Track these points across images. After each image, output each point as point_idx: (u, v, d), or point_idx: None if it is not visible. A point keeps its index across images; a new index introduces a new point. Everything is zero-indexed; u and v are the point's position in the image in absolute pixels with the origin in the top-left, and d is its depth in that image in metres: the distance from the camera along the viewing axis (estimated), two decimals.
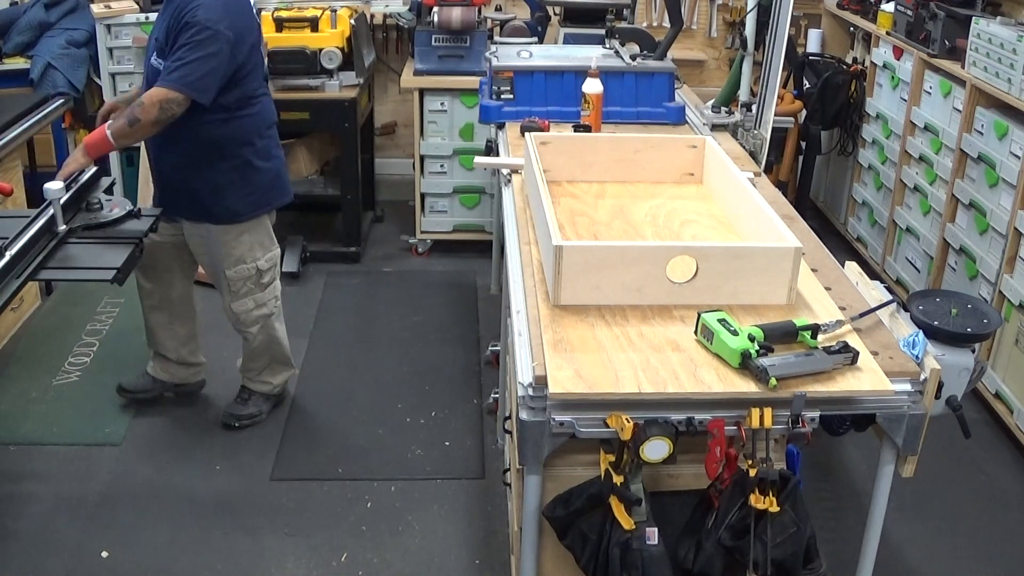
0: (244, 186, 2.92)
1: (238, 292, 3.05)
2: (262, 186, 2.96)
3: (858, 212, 4.65)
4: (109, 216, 2.62)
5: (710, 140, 2.55)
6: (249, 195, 2.94)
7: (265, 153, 2.96)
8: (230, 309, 3.09)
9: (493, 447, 3.17)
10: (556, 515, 1.76)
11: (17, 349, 3.70)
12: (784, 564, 1.68)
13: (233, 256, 2.99)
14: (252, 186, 2.94)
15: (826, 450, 3.17)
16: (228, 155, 2.87)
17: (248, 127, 2.89)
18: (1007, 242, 3.25)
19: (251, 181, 2.93)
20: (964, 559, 2.76)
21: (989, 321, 1.95)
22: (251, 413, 3.26)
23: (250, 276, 3.03)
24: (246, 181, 2.92)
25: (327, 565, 2.66)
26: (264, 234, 3.05)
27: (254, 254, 3.02)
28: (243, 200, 2.93)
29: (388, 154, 5.30)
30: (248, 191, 2.93)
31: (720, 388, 1.64)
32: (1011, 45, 3.21)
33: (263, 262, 3.04)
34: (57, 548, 2.69)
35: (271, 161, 2.99)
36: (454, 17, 4.25)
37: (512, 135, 2.97)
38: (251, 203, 2.95)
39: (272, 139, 3.01)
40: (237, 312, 3.08)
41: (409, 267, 4.56)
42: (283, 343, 3.24)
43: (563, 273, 1.85)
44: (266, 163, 2.96)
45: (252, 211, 2.97)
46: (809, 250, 2.15)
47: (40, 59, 4.27)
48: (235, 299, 3.06)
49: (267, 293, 3.11)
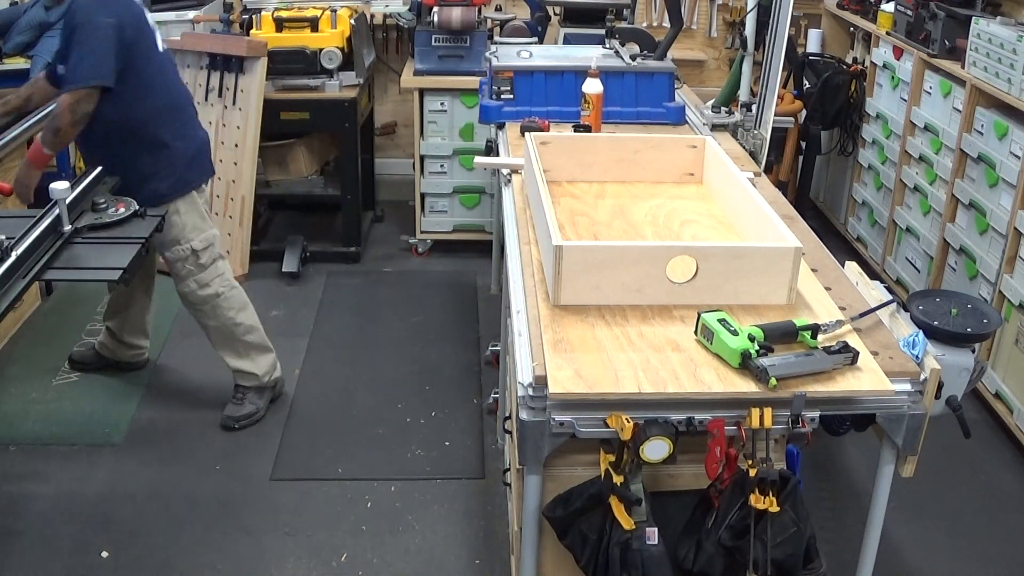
0: (163, 167, 2.98)
1: (179, 274, 3.11)
2: (180, 166, 3.02)
3: (858, 212, 4.65)
4: (114, 216, 2.62)
5: (710, 140, 2.55)
6: (169, 175, 2.99)
7: (179, 134, 3.02)
8: (178, 293, 3.18)
9: (493, 447, 3.17)
10: (556, 515, 1.76)
11: (17, 349, 3.70)
12: (784, 564, 1.68)
13: (168, 238, 3.03)
14: (171, 167, 2.99)
15: (826, 450, 3.17)
16: (141, 139, 2.94)
17: (155, 110, 2.95)
18: (1007, 242, 3.25)
19: (169, 162, 2.99)
20: (964, 559, 2.76)
21: (989, 321, 1.95)
22: (248, 412, 3.27)
23: (186, 257, 3.08)
24: (164, 162, 2.98)
25: (327, 565, 2.66)
26: (195, 214, 3.09)
27: (187, 235, 3.06)
28: (164, 181, 2.99)
29: (388, 154, 5.30)
30: (167, 172, 2.99)
31: (720, 388, 1.64)
32: (1011, 45, 3.21)
33: (197, 243, 3.08)
34: (57, 548, 2.69)
35: (186, 141, 3.04)
36: (454, 17, 4.25)
37: (512, 135, 2.97)
38: (172, 183, 3.01)
39: (185, 120, 3.07)
40: (183, 294, 3.16)
41: (409, 267, 4.56)
42: (244, 326, 3.23)
43: (563, 273, 1.85)
44: (181, 143, 3.02)
45: (175, 191, 3.02)
46: (809, 250, 2.15)
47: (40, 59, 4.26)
48: (179, 282, 3.14)
49: (208, 274, 3.13)
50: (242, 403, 3.28)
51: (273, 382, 3.35)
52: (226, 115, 4.21)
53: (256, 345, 3.28)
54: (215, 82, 4.20)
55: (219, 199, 4.26)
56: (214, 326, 3.19)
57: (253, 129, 4.16)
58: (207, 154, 3.17)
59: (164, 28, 4.36)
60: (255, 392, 3.30)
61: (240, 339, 3.23)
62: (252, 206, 4.25)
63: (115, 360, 3.53)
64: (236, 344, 3.24)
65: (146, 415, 3.31)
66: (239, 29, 4.44)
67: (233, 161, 4.20)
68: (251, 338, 3.26)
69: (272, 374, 3.34)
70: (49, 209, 2.51)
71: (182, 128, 3.05)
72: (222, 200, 4.25)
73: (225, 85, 4.18)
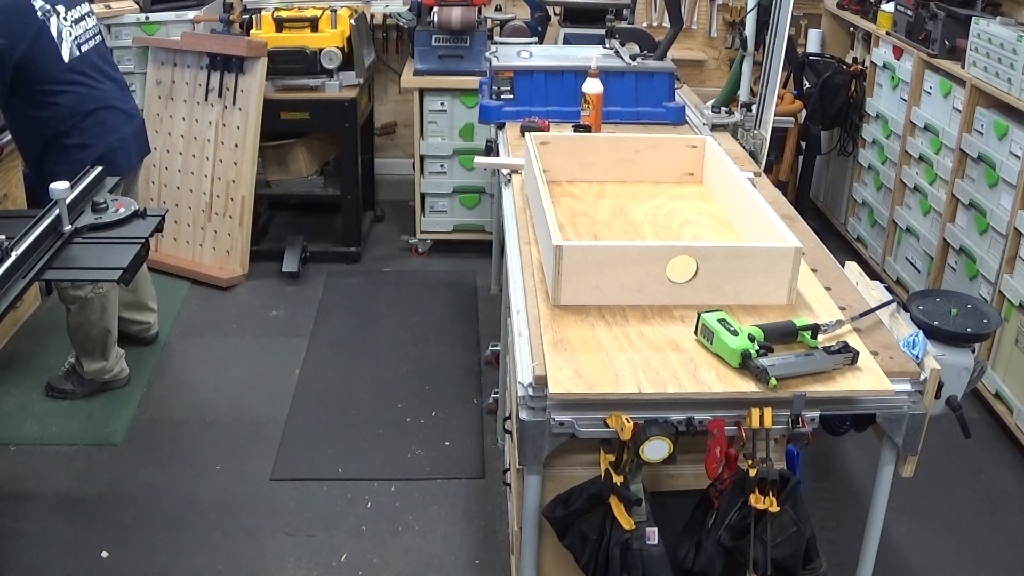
0: (64, 168, 2.93)
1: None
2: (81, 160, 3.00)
3: (858, 212, 4.65)
4: (115, 216, 2.62)
5: (710, 140, 2.55)
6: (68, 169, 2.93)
7: (85, 138, 3.11)
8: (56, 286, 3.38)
9: (493, 447, 3.17)
10: (556, 515, 1.76)
11: (17, 349, 3.70)
12: (784, 564, 1.68)
13: None
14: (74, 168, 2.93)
15: (826, 450, 3.17)
16: (45, 144, 3.08)
17: (57, 117, 3.05)
18: (1007, 242, 3.25)
19: (72, 163, 2.97)
20: (964, 559, 2.76)
21: (989, 321, 1.95)
22: (64, 389, 3.41)
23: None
24: (66, 164, 3.00)
25: (327, 565, 2.66)
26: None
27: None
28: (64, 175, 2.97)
29: (388, 154, 5.30)
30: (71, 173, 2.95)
31: (720, 388, 1.64)
32: (1011, 45, 3.21)
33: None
34: (57, 548, 2.69)
35: (89, 149, 3.10)
36: (454, 17, 4.25)
37: (512, 135, 2.97)
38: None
39: (91, 126, 3.13)
40: (60, 288, 3.29)
41: (409, 267, 4.56)
42: (93, 334, 3.33)
43: (563, 273, 1.85)
44: (82, 150, 3.08)
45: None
46: (809, 250, 2.15)
47: None
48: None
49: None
50: (66, 380, 3.42)
51: (100, 384, 3.43)
52: (226, 115, 4.21)
53: (93, 350, 3.36)
54: (215, 82, 4.20)
55: (219, 199, 4.26)
56: (75, 320, 3.31)
57: (253, 129, 4.16)
58: (112, 158, 3.13)
59: (164, 28, 4.40)
60: (78, 379, 3.41)
61: (87, 340, 3.35)
62: (252, 206, 4.25)
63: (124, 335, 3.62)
64: (84, 342, 3.35)
65: (146, 415, 3.31)
66: (239, 29, 4.44)
67: (233, 161, 4.21)
68: (93, 345, 3.36)
69: (101, 377, 3.41)
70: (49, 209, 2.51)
71: (89, 131, 3.12)
72: (222, 200, 4.26)
73: (225, 85, 4.18)
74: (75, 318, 3.31)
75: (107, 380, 3.43)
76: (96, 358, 3.38)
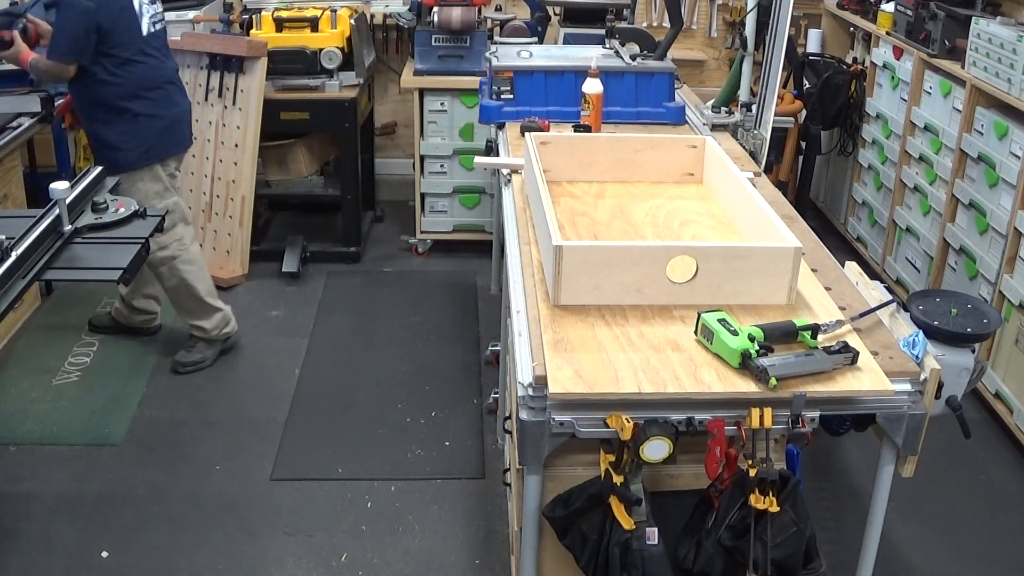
0: (133, 138, 3.29)
1: None
2: (150, 138, 3.33)
3: (858, 212, 4.65)
4: (115, 216, 2.62)
5: (710, 140, 2.55)
6: (138, 146, 3.30)
7: (152, 109, 3.33)
8: None
9: (493, 447, 3.17)
10: (556, 515, 1.76)
11: (17, 349, 3.70)
12: (784, 564, 1.68)
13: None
14: (140, 139, 3.30)
15: (826, 450, 3.17)
16: (114, 111, 3.26)
17: (129, 87, 3.26)
18: (1007, 242, 3.25)
19: (139, 134, 3.30)
20: (964, 559, 2.76)
21: (989, 321, 1.95)
22: (195, 360, 3.58)
23: None
24: (134, 134, 3.29)
25: (327, 565, 2.66)
26: (159, 184, 3.40)
27: (150, 201, 3.30)
28: (134, 151, 3.29)
29: (388, 154, 5.30)
30: (136, 143, 3.30)
31: (720, 388, 1.64)
32: (1011, 45, 3.21)
33: (159, 208, 3.25)
34: (57, 548, 2.69)
35: (157, 118, 3.35)
36: (454, 17, 4.25)
37: (512, 135, 2.97)
38: (141, 154, 3.31)
39: (159, 98, 3.36)
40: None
41: (409, 267, 4.56)
42: (198, 286, 3.54)
43: (563, 273, 1.85)
44: (151, 119, 3.33)
45: (143, 161, 3.33)
46: (809, 250, 2.15)
47: None
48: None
49: (168, 237, 3.40)
50: (191, 351, 3.60)
51: (224, 336, 3.65)
52: (226, 115, 4.21)
53: (207, 303, 3.57)
54: (215, 82, 4.20)
55: (219, 199, 4.26)
56: (171, 286, 3.50)
57: (253, 129, 4.16)
58: (178, 130, 3.47)
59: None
60: (204, 343, 3.61)
61: (194, 297, 3.53)
62: (252, 206, 4.25)
63: (128, 326, 3.77)
64: (189, 301, 3.54)
65: (146, 415, 3.31)
66: (239, 29, 4.44)
67: (233, 161, 4.20)
68: (203, 296, 3.56)
69: (222, 329, 3.63)
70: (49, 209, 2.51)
71: (156, 104, 3.34)
72: (222, 200, 4.25)
73: (225, 85, 4.18)
74: (171, 280, 3.49)
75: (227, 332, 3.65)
76: (213, 309, 3.58)
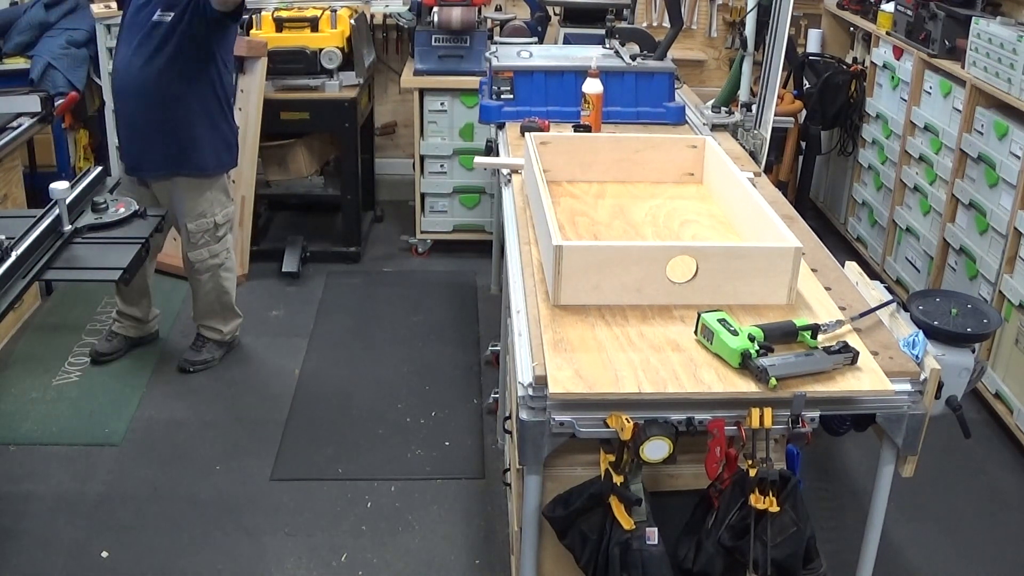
0: (216, 142, 3.32)
1: (196, 243, 3.41)
2: (227, 146, 3.38)
3: (858, 212, 4.65)
4: (115, 216, 2.63)
5: (710, 140, 2.55)
6: (215, 152, 3.33)
7: (231, 119, 3.40)
8: (186, 257, 3.46)
9: (493, 447, 3.17)
10: (556, 515, 1.76)
11: (17, 349, 3.70)
12: (784, 564, 1.68)
13: (196, 211, 3.35)
14: (220, 144, 3.34)
15: (826, 450, 3.17)
16: (221, 115, 3.31)
17: (229, 92, 3.37)
18: (1007, 242, 3.25)
19: (221, 139, 3.34)
20: (964, 559, 2.76)
21: (989, 321, 1.95)
22: (204, 359, 3.58)
23: (208, 229, 3.40)
24: (219, 138, 3.33)
25: (327, 565, 2.66)
26: (222, 191, 3.42)
27: (213, 209, 3.38)
28: (211, 156, 3.32)
29: (388, 154, 5.30)
30: (215, 148, 3.32)
31: (720, 388, 1.64)
32: (1011, 45, 3.21)
33: (220, 217, 3.42)
34: (57, 548, 2.69)
35: (233, 128, 3.43)
36: (454, 17, 4.25)
37: (512, 135, 2.97)
38: (217, 161, 3.35)
39: (232, 111, 3.43)
40: (193, 261, 3.45)
41: (409, 267, 4.56)
42: (231, 293, 3.58)
43: (563, 273, 1.85)
44: (231, 126, 3.40)
45: (217, 168, 3.36)
46: (809, 250, 2.15)
47: (40, 59, 4.27)
48: (192, 249, 3.42)
49: (220, 245, 3.46)
50: (200, 351, 3.60)
51: (232, 339, 3.69)
52: None
53: (231, 309, 3.62)
54: None
55: None
56: (208, 289, 3.51)
57: (253, 129, 4.16)
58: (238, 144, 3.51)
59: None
60: (215, 344, 3.62)
61: (224, 303, 3.57)
62: (252, 206, 4.25)
63: (139, 338, 3.70)
64: (219, 306, 3.56)
65: (146, 415, 3.31)
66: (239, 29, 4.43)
67: None
68: (232, 303, 3.60)
69: (234, 333, 3.69)
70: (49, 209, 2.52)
71: (232, 115, 3.42)
72: None
73: None
74: (210, 285, 3.50)
75: (236, 336, 3.70)
76: (234, 315, 3.63)
